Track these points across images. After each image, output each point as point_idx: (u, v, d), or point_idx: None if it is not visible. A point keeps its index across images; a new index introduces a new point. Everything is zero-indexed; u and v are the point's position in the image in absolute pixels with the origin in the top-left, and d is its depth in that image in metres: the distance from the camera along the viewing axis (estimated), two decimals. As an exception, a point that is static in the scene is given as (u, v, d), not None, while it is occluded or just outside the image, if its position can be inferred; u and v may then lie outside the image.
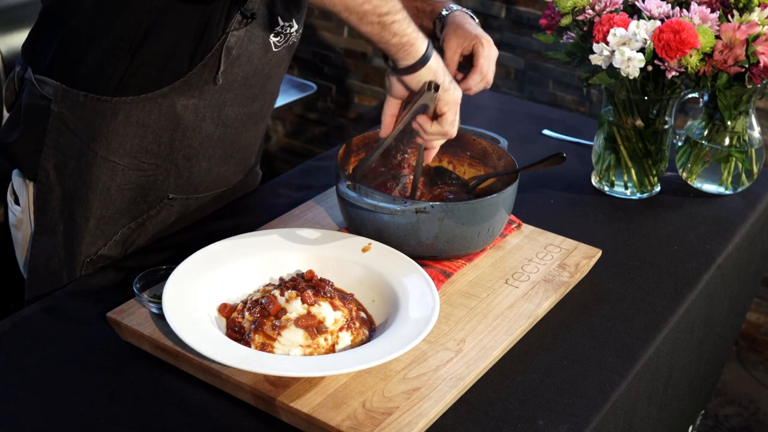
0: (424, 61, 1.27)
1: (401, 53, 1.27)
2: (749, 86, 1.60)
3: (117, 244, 1.48)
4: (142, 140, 1.41)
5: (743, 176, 1.76)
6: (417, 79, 1.29)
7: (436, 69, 1.29)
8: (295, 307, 1.19)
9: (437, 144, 1.37)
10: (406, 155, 1.52)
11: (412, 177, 1.50)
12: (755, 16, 1.56)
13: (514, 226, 1.53)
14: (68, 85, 1.37)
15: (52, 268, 1.48)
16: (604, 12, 1.61)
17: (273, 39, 1.41)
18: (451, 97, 1.31)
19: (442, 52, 1.45)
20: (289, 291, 1.21)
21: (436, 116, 1.33)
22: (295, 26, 1.44)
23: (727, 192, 1.78)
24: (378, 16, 1.23)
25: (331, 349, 1.19)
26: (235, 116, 1.46)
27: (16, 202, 1.51)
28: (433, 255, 1.39)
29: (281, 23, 1.40)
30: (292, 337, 1.17)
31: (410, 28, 1.26)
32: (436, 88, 1.28)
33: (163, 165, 1.45)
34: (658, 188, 1.77)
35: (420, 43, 1.27)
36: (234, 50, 1.37)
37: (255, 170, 1.69)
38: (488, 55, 1.44)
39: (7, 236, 1.59)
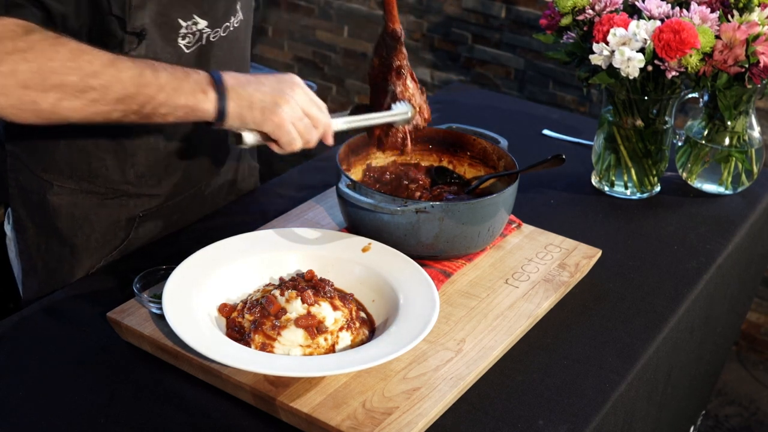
0: (221, 117, 1.20)
1: (194, 119, 1.20)
2: (749, 86, 1.60)
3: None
4: (89, 165, 1.42)
5: (743, 176, 1.76)
6: (230, 128, 1.23)
7: (241, 113, 1.21)
8: (295, 307, 1.19)
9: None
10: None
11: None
12: (755, 16, 1.56)
13: (514, 226, 1.53)
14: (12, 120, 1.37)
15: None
16: (604, 12, 1.61)
17: (182, 42, 1.35)
18: (272, 125, 1.23)
19: None
20: (289, 291, 1.21)
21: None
22: (202, 23, 1.35)
23: (727, 192, 1.78)
24: (135, 114, 1.13)
25: (331, 349, 1.19)
26: (175, 124, 1.38)
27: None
28: (433, 255, 1.39)
29: (183, 24, 1.33)
30: (292, 337, 1.17)
31: (182, 98, 1.16)
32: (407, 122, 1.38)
33: (120, 187, 1.46)
34: (658, 188, 1.77)
35: (202, 105, 1.18)
36: None
37: (239, 160, 1.67)
38: None
39: (6, 236, 1.59)
